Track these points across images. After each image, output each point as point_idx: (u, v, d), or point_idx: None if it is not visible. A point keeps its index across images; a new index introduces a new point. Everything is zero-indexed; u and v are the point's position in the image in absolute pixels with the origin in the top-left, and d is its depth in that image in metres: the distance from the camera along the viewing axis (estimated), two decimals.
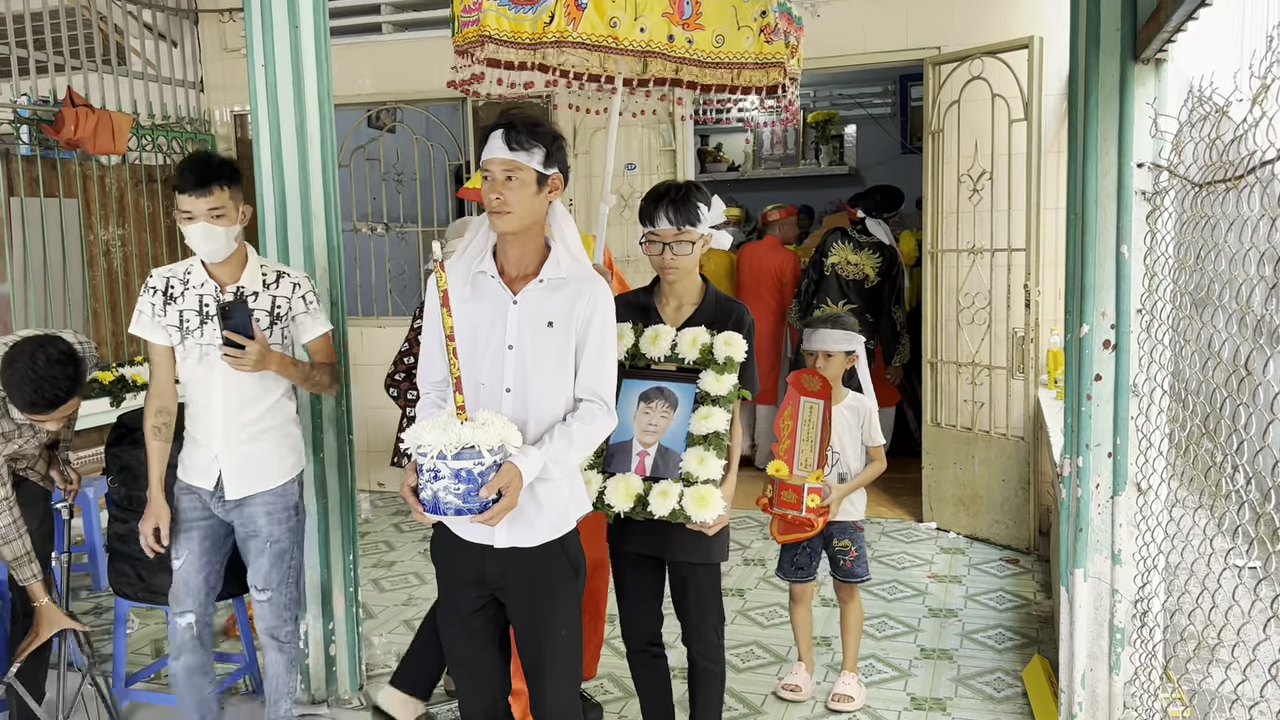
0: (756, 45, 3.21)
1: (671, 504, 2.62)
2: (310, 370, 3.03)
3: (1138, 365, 2.66)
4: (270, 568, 3.04)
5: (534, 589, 2.38)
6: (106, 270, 5.89)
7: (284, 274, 3.03)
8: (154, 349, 2.97)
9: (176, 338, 2.92)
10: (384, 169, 6.51)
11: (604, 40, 3.02)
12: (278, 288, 2.99)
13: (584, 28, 2.99)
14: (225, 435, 2.94)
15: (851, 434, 3.51)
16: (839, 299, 6.15)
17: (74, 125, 5.18)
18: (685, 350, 2.71)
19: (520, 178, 2.29)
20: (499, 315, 2.36)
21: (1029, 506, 5.05)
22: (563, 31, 2.99)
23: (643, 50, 3.08)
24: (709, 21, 3.13)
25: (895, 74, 8.06)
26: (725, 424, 2.65)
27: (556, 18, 2.98)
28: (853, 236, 6.19)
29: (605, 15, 3.00)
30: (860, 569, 3.52)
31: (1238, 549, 2.02)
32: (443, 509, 2.18)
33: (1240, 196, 1.89)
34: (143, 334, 2.96)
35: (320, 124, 3.50)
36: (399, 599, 4.70)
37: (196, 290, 2.92)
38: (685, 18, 3.09)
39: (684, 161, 5.91)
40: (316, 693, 3.61)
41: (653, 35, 3.05)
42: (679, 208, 2.70)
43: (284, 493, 3.05)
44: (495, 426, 2.19)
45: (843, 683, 3.57)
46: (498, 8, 3.03)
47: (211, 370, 2.90)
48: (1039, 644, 3.96)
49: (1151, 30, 2.40)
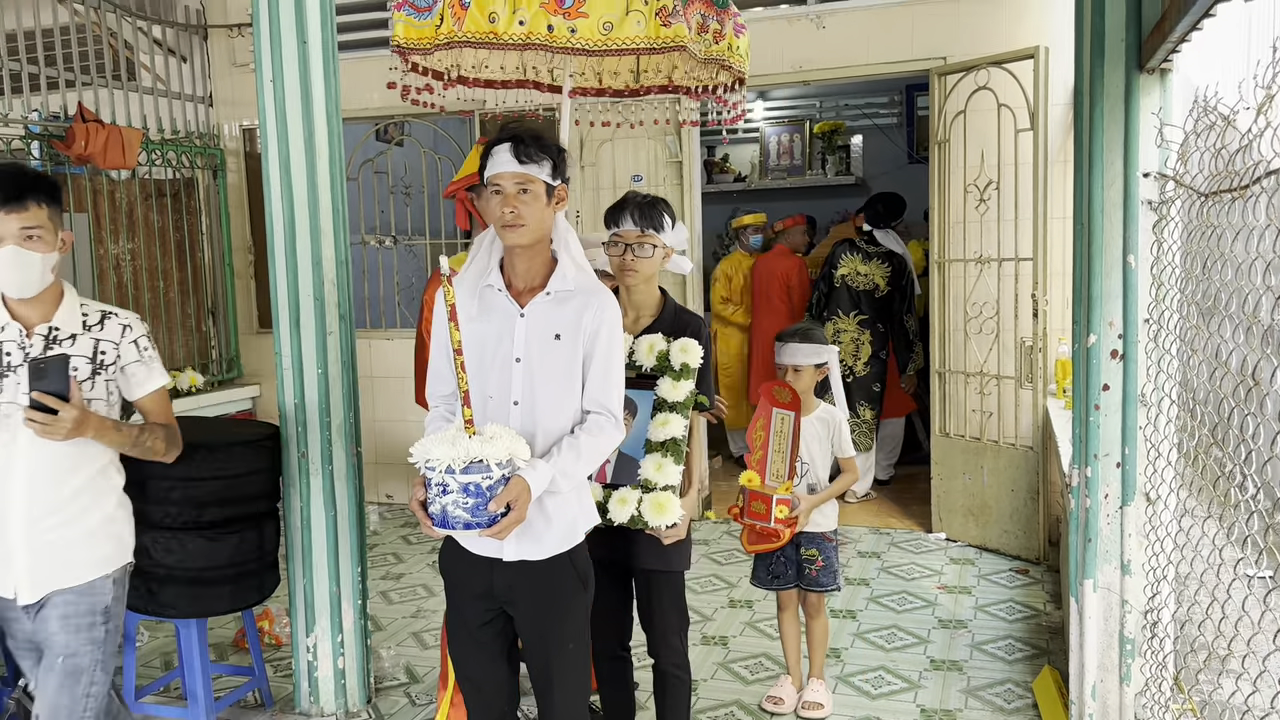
0: (650, 30, 3.03)
1: (630, 510, 2.67)
2: (140, 434, 2.51)
3: (1145, 375, 2.65)
4: (57, 692, 2.41)
5: (542, 602, 2.38)
6: (116, 284, 5.91)
7: (110, 315, 2.55)
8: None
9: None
10: (392, 182, 6.54)
11: (485, 36, 2.95)
12: (102, 330, 2.52)
13: (468, 26, 2.92)
14: (29, 520, 2.39)
15: (821, 445, 3.54)
16: (850, 310, 6.15)
17: (84, 140, 5.22)
18: (642, 357, 2.76)
19: (533, 190, 2.30)
20: (506, 328, 2.36)
21: (1038, 516, 5.04)
22: (450, 33, 2.94)
23: (523, 44, 3.00)
24: (593, 9, 3.00)
25: (901, 84, 8.07)
26: (683, 430, 2.69)
27: (445, 19, 2.94)
28: (861, 247, 6.20)
29: (485, 10, 2.93)
30: (826, 579, 3.54)
31: (1247, 559, 2.01)
32: (451, 523, 2.18)
33: (1247, 206, 1.89)
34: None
35: (329, 138, 3.52)
36: (408, 611, 4.70)
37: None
38: (565, 6, 2.98)
39: (690, 172, 5.93)
40: (325, 705, 3.61)
41: (532, 27, 2.96)
42: (644, 211, 2.77)
43: (89, 592, 2.46)
44: (503, 440, 2.19)
45: (811, 690, 3.59)
46: (405, 18, 3.00)
47: (13, 437, 2.37)
48: (1049, 655, 3.95)
49: (1156, 40, 2.40)
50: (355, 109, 6.15)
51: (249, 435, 3.45)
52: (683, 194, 5.89)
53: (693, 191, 5.93)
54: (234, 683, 3.82)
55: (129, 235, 5.99)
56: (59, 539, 2.42)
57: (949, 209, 5.38)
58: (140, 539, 3.25)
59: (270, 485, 3.48)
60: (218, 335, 6.72)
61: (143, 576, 3.31)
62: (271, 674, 3.95)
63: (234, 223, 6.79)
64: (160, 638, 4.43)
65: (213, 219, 6.70)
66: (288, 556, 3.61)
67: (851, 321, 6.13)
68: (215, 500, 3.26)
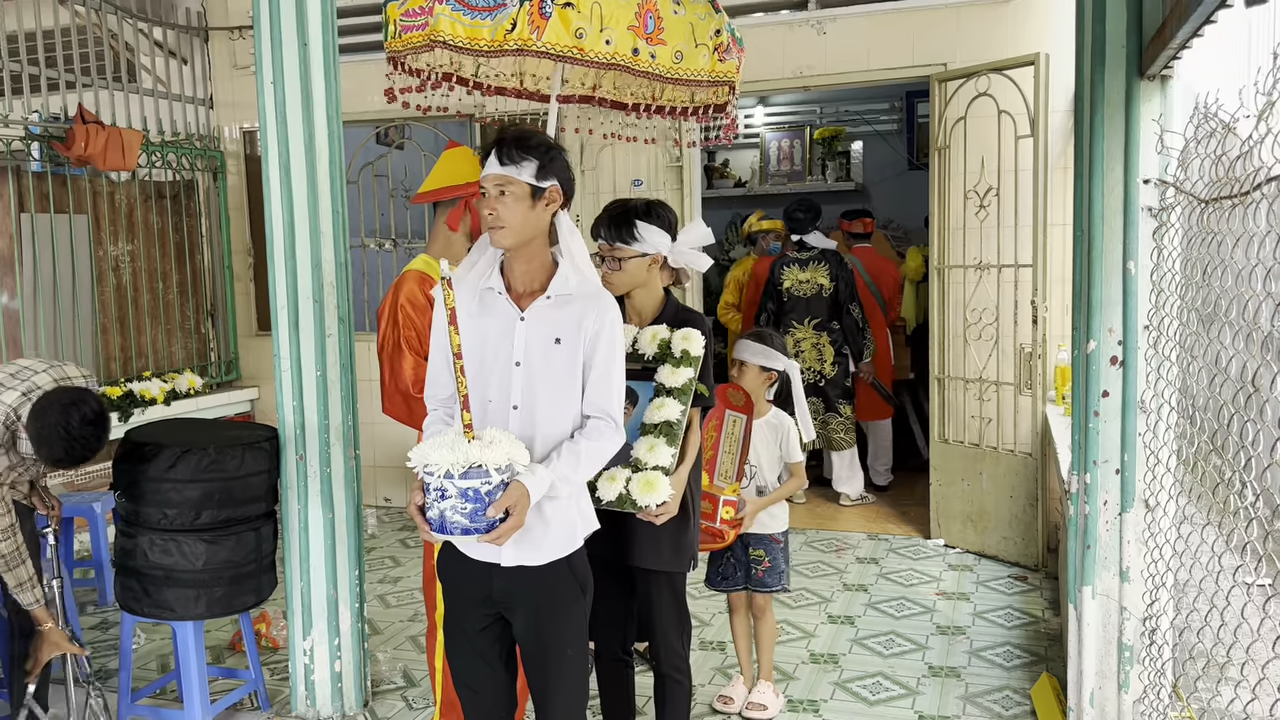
0: (711, 63, 3.20)
1: (618, 488, 2.64)
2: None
3: (1145, 382, 2.65)
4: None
5: (540, 608, 2.37)
6: (116, 286, 5.91)
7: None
8: None
9: None
10: (392, 185, 6.54)
11: (569, 51, 2.96)
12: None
13: (549, 37, 2.91)
14: None
15: (769, 449, 3.56)
16: (805, 317, 6.18)
17: (84, 142, 5.21)
18: (645, 346, 2.76)
19: (512, 192, 2.30)
20: (506, 332, 2.35)
21: (1037, 523, 5.03)
22: (526, 40, 2.92)
23: (607, 63, 3.03)
24: (670, 38, 3.09)
25: (902, 90, 8.08)
26: (678, 414, 2.68)
27: (519, 25, 2.90)
28: (795, 256, 6.26)
29: (571, 26, 2.93)
30: (772, 579, 3.55)
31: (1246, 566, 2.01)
32: (450, 528, 2.17)
33: (1247, 212, 1.89)
34: None
35: (329, 140, 3.52)
36: (405, 615, 4.69)
37: None
38: (649, 32, 3.04)
39: (691, 177, 5.93)
40: (322, 708, 3.60)
41: (618, 48, 3.00)
42: (613, 225, 2.78)
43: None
44: (503, 445, 2.18)
45: (757, 691, 3.60)
46: (451, 12, 2.93)
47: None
48: (1048, 662, 3.94)
49: (1157, 47, 2.40)
50: (356, 112, 6.15)
51: (247, 437, 3.44)
52: (683, 199, 5.89)
53: (693, 196, 5.93)
54: (230, 685, 3.81)
55: (128, 237, 5.99)
56: None
57: (949, 215, 5.38)
58: (138, 540, 3.27)
59: (268, 488, 3.47)
60: (217, 337, 6.72)
61: (139, 578, 3.31)
62: (268, 677, 3.94)
63: (234, 225, 6.79)
64: (156, 640, 4.42)
65: (212, 221, 6.70)
66: (285, 559, 3.60)
67: (808, 329, 6.18)
68: (212, 502, 3.26)
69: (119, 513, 3.41)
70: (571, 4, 2.93)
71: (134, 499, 3.29)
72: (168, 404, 5.83)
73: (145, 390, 5.71)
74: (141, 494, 3.26)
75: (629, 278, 2.79)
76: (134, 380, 5.81)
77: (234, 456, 3.30)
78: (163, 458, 3.23)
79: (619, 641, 2.94)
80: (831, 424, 6.20)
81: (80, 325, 5.64)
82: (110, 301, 5.86)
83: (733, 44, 3.31)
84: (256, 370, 6.79)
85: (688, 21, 3.15)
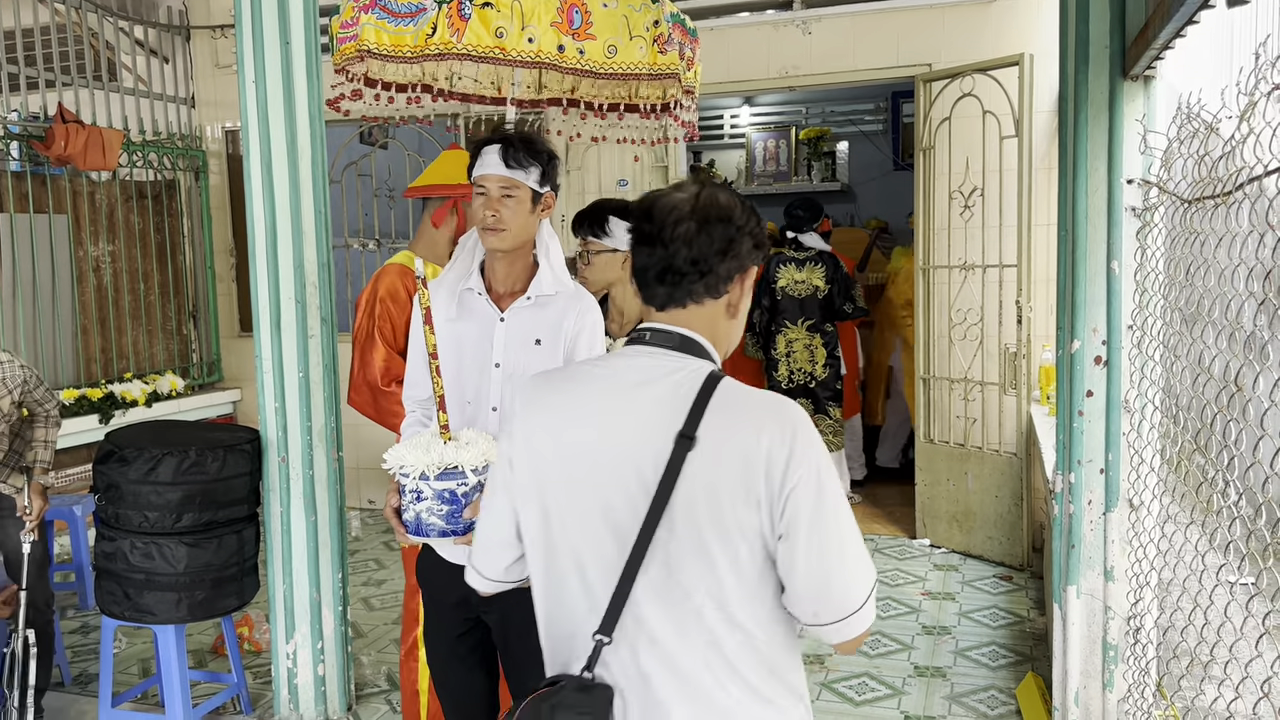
0: (650, 56, 3.11)
1: None
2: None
3: (1129, 381, 2.66)
4: None
5: (520, 612, 2.35)
6: (96, 287, 5.87)
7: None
8: None
9: None
10: (376, 185, 6.51)
11: (490, 51, 2.90)
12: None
13: (469, 39, 2.87)
14: None
15: None
16: (798, 318, 6.18)
17: (64, 141, 5.17)
18: None
19: (518, 196, 2.28)
20: (486, 333, 2.34)
21: (1022, 523, 5.04)
22: (446, 43, 2.88)
23: (533, 61, 2.97)
24: (600, 31, 3.02)
25: (887, 91, 8.09)
26: None
27: (439, 29, 2.86)
28: (791, 255, 6.24)
29: (491, 26, 2.89)
30: None
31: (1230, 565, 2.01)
32: (426, 530, 2.15)
33: (1230, 212, 1.90)
34: None
35: (311, 140, 3.50)
36: (389, 618, 4.66)
37: None
38: (575, 27, 2.98)
39: (676, 178, 5.92)
40: (305, 712, 3.58)
41: (541, 45, 2.94)
42: (585, 219, 2.80)
43: None
44: (479, 445, 2.16)
45: None
46: (376, 21, 2.89)
47: None
48: (1033, 661, 3.95)
49: (1140, 47, 2.41)
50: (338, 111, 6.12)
51: (228, 439, 3.41)
52: None
53: None
54: (213, 689, 3.78)
55: (109, 237, 5.94)
56: None
57: (934, 215, 5.39)
58: (118, 543, 3.24)
59: (250, 490, 3.44)
60: (198, 338, 6.67)
61: (120, 581, 3.27)
62: (251, 681, 3.91)
63: (216, 225, 6.75)
64: (138, 644, 4.38)
65: (194, 221, 6.65)
66: (267, 562, 3.58)
67: (801, 329, 6.17)
68: (194, 505, 3.23)
69: (99, 516, 3.38)
70: (490, 3, 2.85)
71: (114, 502, 3.26)
72: (149, 406, 5.79)
73: (126, 392, 5.67)
74: (122, 497, 3.23)
75: (598, 272, 2.81)
76: (115, 382, 5.76)
77: (215, 459, 3.28)
78: (143, 460, 3.20)
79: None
80: (820, 426, 6.20)
81: (60, 326, 5.59)
82: (91, 302, 5.82)
83: (678, 34, 3.22)
84: (239, 372, 6.75)
85: (620, 14, 3.05)
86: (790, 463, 1.34)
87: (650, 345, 1.48)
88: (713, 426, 1.37)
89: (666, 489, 1.36)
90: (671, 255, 1.45)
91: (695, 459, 1.36)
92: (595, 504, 1.43)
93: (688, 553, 1.37)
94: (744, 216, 1.49)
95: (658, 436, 1.39)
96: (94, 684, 3.80)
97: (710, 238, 1.45)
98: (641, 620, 1.40)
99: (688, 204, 1.46)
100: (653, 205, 1.49)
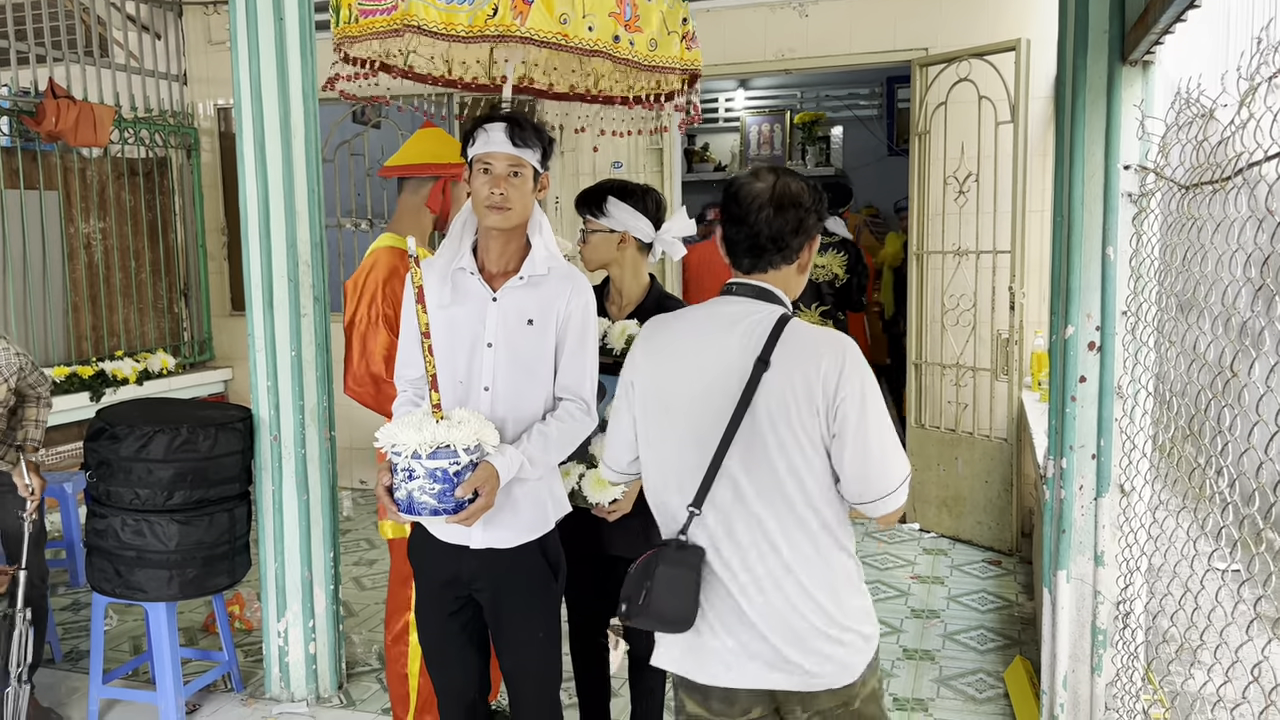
0: (680, 51, 3.20)
1: (571, 484, 2.65)
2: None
3: (1122, 367, 2.66)
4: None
5: (511, 590, 2.36)
6: (87, 264, 5.83)
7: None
8: None
9: None
10: (369, 164, 6.47)
11: (552, 37, 2.91)
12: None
13: (532, 22, 2.86)
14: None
15: None
16: (812, 302, 6.17)
17: (55, 117, 5.13)
18: (614, 341, 2.76)
19: (523, 174, 2.27)
20: (479, 313, 2.32)
21: (1012, 508, 5.06)
22: (509, 25, 2.86)
23: (589, 49, 2.99)
24: (645, 25, 3.07)
25: (882, 75, 8.07)
26: None
27: (501, 10, 2.84)
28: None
29: (555, 11, 2.88)
30: None
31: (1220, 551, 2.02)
32: (418, 509, 2.15)
33: (1226, 198, 1.90)
34: None
35: (305, 118, 3.48)
36: (380, 597, 4.67)
37: None
38: (628, 19, 3.02)
39: (671, 161, 5.90)
40: (296, 690, 3.58)
41: (600, 35, 2.96)
42: (585, 199, 2.80)
43: None
44: (471, 425, 2.15)
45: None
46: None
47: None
48: (1021, 645, 3.97)
49: (1139, 32, 2.40)
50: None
51: (220, 418, 3.41)
52: (663, 182, 5.86)
53: (673, 179, 5.91)
54: (203, 667, 3.78)
55: (100, 214, 5.90)
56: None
57: (928, 201, 5.39)
58: (109, 520, 3.23)
59: (242, 469, 3.44)
60: (190, 317, 6.64)
61: (111, 559, 3.27)
62: (242, 659, 3.91)
63: (208, 203, 6.71)
64: (129, 621, 4.38)
65: (186, 199, 6.61)
66: (259, 540, 3.57)
67: (814, 314, 6.15)
68: (185, 483, 3.23)
69: (90, 493, 3.37)
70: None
71: (105, 479, 3.25)
72: (140, 384, 5.77)
73: (117, 370, 5.64)
74: (113, 474, 3.22)
75: (595, 252, 2.80)
76: (106, 360, 5.74)
77: (207, 436, 3.27)
78: (135, 437, 3.19)
79: (594, 625, 2.94)
80: None
81: (51, 303, 5.56)
82: (82, 279, 5.79)
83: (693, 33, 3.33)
84: (230, 351, 6.72)
85: (658, 9, 3.13)
86: (840, 381, 1.78)
87: (736, 295, 1.92)
88: (783, 354, 1.81)
89: (747, 399, 1.81)
90: (755, 234, 1.88)
91: (769, 378, 1.80)
92: (694, 412, 1.87)
93: (761, 448, 1.81)
94: (811, 198, 1.89)
95: (741, 361, 1.83)
96: (85, 661, 3.79)
97: (785, 220, 1.87)
98: (722, 498, 1.85)
99: (766, 193, 1.87)
100: (738, 191, 1.90)
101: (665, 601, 1.84)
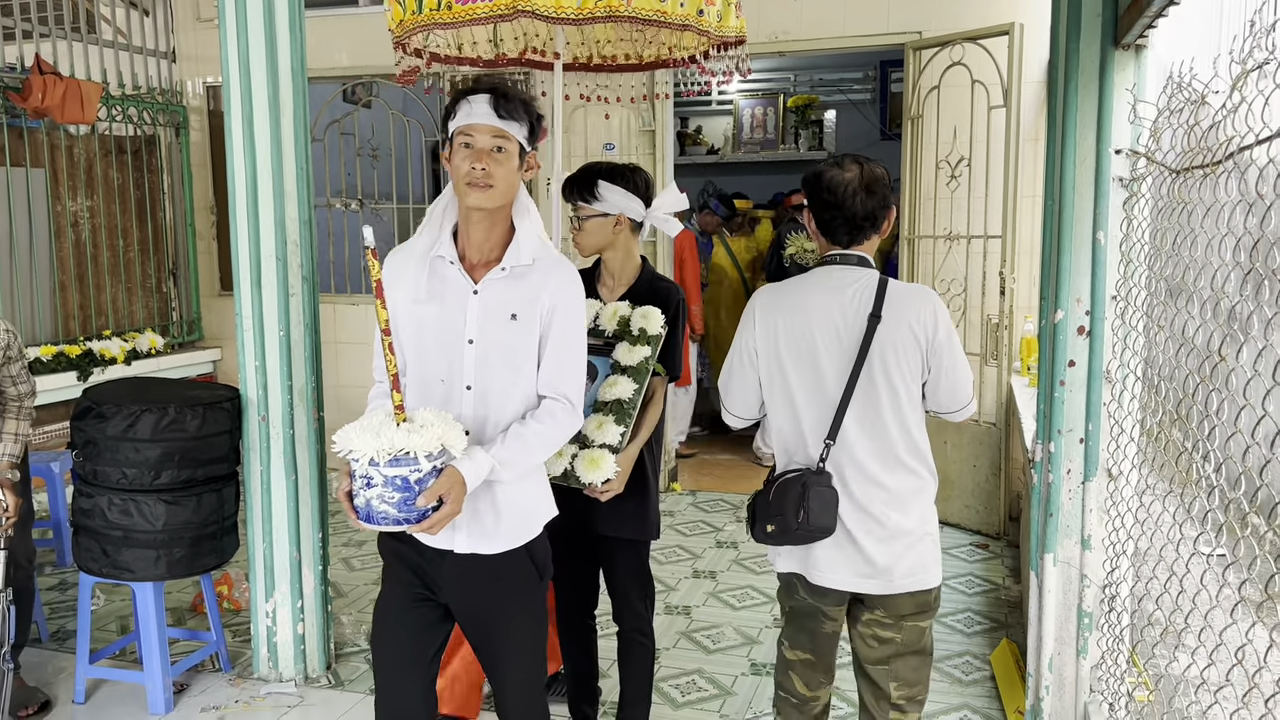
0: (740, 22, 3.33)
1: (563, 464, 2.63)
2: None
3: (1111, 351, 2.67)
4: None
5: (493, 597, 2.20)
6: (75, 242, 5.79)
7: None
8: None
9: None
10: (359, 144, 6.44)
11: (654, 15, 3.02)
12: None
13: (638, 2, 2.97)
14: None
15: None
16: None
17: (42, 94, 5.08)
18: (605, 322, 2.75)
19: (508, 150, 2.09)
20: (458, 306, 2.14)
21: (999, 492, 5.08)
22: (615, 5, 2.93)
23: (680, 24, 3.10)
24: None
25: (876, 59, 8.05)
26: (630, 393, 2.66)
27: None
28: (804, 224, 6.21)
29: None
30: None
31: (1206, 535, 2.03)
32: (378, 519, 1.97)
33: (1217, 183, 1.89)
34: None
35: (294, 96, 3.45)
36: (369, 578, 4.67)
37: None
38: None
39: (663, 142, 5.88)
40: (284, 670, 3.58)
41: (689, 10, 3.09)
42: (575, 184, 2.77)
43: None
44: (434, 429, 1.97)
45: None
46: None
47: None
48: (1007, 628, 3.99)
49: (1133, 16, 2.39)
50: (322, 68, 6.03)
51: (208, 397, 3.39)
52: (655, 164, 5.84)
53: (665, 162, 5.89)
54: (191, 647, 3.78)
55: (88, 192, 5.86)
56: None
57: (920, 185, 5.38)
58: (96, 500, 3.22)
59: (230, 448, 3.43)
60: (179, 296, 6.61)
61: (98, 538, 3.26)
62: (230, 639, 3.91)
63: (196, 182, 6.67)
64: (116, 601, 4.37)
65: (174, 178, 6.57)
66: (247, 521, 3.56)
67: None
68: (173, 462, 3.22)
69: (77, 472, 3.36)
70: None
71: (92, 458, 3.24)
72: (128, 364, 5.74)
73: (105, 349, 5.62)
74: (100, 453, 3.21)
75: (590, 237, 2.78)
76: (93, 339, 5.71)
77: (195, 416, 3.26)
78: (122, 416, 3.18)
79: (582, 607, 2.94)
80: None
81: (38, 282, 5.53)
82: (69, 258, 5.75)
83: None
84: (219, 330, 6.70)
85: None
86: (934, 325, 2.27)
87: (840, 265, 2.33)
88: (889, 309, 2.26)
89: (865, 349, 2.25)
90: (851, 215, 2.30)
91: (880, 330, 2.25)
92: (818, 363, 2.30)
93: (876, 387, 2.27)
94: (887, 179, 2.33)
95: (856, 317, 2.27)
96: (72, 640, 3.79)
97: (875, 200, 2.29)
98: (848, 431, 2.28)
99: (856, 180, 2.28)
100: (830, 181, 2.29)
101: (819, 517, 2.23)
